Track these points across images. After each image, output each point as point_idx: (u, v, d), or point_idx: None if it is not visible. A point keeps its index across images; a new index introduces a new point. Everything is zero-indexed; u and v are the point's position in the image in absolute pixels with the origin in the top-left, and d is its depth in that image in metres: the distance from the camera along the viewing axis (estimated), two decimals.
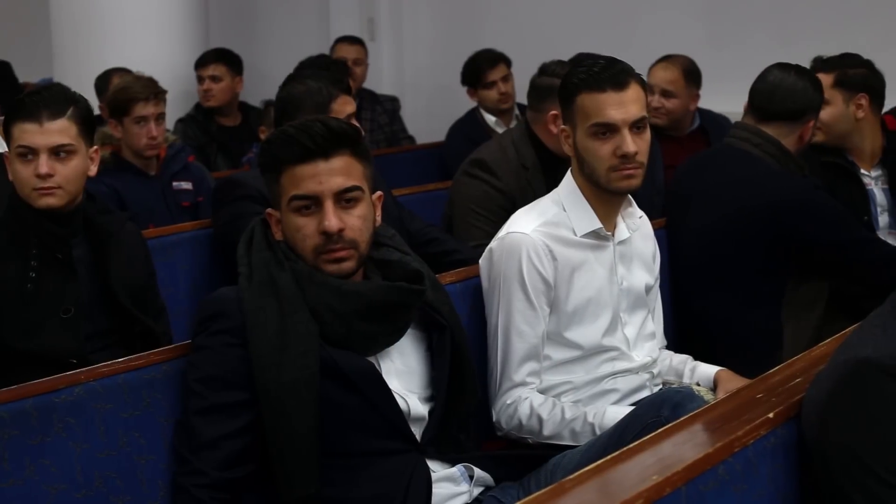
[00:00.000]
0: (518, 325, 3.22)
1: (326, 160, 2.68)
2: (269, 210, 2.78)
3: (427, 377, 2.86)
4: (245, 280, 2.69)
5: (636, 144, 3.19)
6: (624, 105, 3.18)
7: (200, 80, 6.99)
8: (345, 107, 4.18)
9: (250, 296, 2.66)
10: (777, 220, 3.94)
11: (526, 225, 3.26)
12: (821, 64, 4.60)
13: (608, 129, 3.18)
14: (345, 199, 2.69)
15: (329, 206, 2.67)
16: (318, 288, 2.67)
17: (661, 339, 3.59)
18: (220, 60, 7.00)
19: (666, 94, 5.54)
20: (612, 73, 3.19)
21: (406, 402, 2.75)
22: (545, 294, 3.22)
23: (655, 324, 3.54)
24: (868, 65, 4.62)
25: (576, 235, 3.27)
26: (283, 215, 2.72)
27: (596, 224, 3.28)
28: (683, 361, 3.56)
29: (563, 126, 3.31)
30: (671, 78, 5.57)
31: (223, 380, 2.63)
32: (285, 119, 3.92)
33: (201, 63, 7.02)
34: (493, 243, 3.31)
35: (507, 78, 6.76)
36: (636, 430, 2.72)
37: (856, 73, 4.57)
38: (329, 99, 4.14)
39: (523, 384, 3.22)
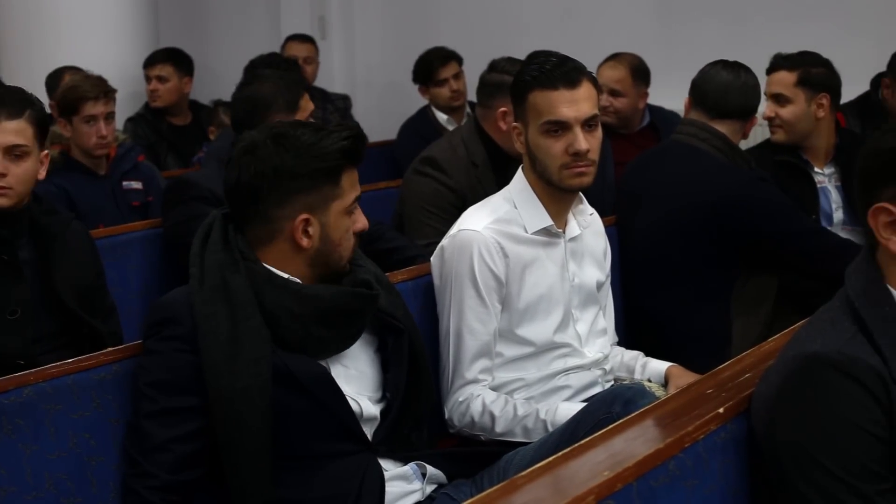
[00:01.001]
0: (470, 323, 3.22)
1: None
2: (305, 216, 2.72)
3: (378, 380, 2.86)
4: (196, 282, 2.67)
5: (588, 142, 3.20)
6: (576, 103, 3.19)
7: (148, 79, 6.95)
8: (308, 104, 4.20)
9: (201, 300, 2.63)
10: (725, 214, 3.97)
11: (477, 222, 3.26)
12: (782, 61, 4.63)
13: (560, 127, 3.19)
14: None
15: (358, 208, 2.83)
16: (276, 291, 2.66)
17: (612, 335, 3.61)
18: (167, 60, 6.95)
19: (614, 93, 5.56)
20: (564, 71, 3.20)
21: (358, 404, 2.75)
22: (497, 291, 3.23)
23: (607, 320, 3.56)
24: (827, 64, 4.65)
25: (527, 232, 3.28)
26: (336, 219, 2.74)
27: (547, 221, 3.29)
28: (635, 357, 3.58)
29: (514, 123, 3.32)
30: (618, 77, 5.58)
31: (174, 385, 2.61)
32: (256, 118, 3.88)
33: (149, 63, 6.98)
34: (445, 241, 3.31)
35: (458, 75, 6.77)
36: (588, 427, 2.72)
37: (818, 73, 4.60)
38: (299, 96, 4.15)
39: (475, 381, 3.23)
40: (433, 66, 6.74)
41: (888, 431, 2.05)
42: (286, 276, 2.71)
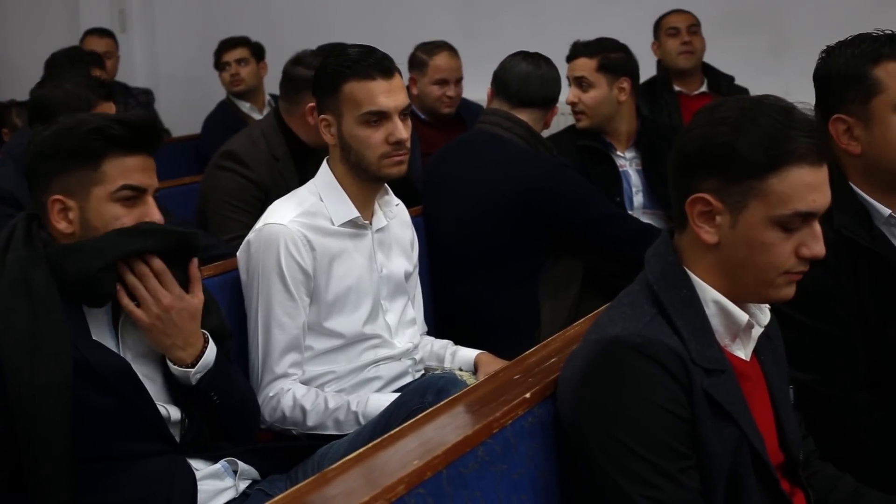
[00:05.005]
0: (278, 317, 3.21)
1: (150, 155, 2.68)
2: (58, 197, 2.64)
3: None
4: None
5: (406, 131, 3.25)
6: (393, 92, 3.23)
7: None
8: (108, 109, 4.08)
9: (0, 297, 2.57)
10: (528, 201, 4.03)
11: (283, 216, 3.25)
12: (582, 48, 4.73)
13: (380, 117, 3.21)
14: (154, 196, 2.70)
15: (152, 201, 2.67)
16: (72, 255, 2.59)
17: (422, 324, 3.63)
18: None
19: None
20: (376, 61, 3.24)
21: (165, 407, 2.70)
22: (304, 284, 3.22)
23: (416, 310, 3.58)
24: (625, 49, 4.77)
25: (334, 225, 3.27)
26: (97, 204, 2.63)
27: (353, 213, 3.29)
28: (444, 346, 3.61)
29: (323, 115, 3.31)
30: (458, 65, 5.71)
31: None
32: (40, 122, 3.78)
33: None
34: (251, 235, 3.28)
35: (243, 61, 6.74)
36: (401, 417, 2.74)
37: (617, 58, 4.71)
38: (88, 107, 4.03)
39: (285, 376, 3.21)
40: (219, 50, 6.78)
41: (688, 410, 2.11)
42: None
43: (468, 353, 3.56)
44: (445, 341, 3.64)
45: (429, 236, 4.16)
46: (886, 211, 2.77)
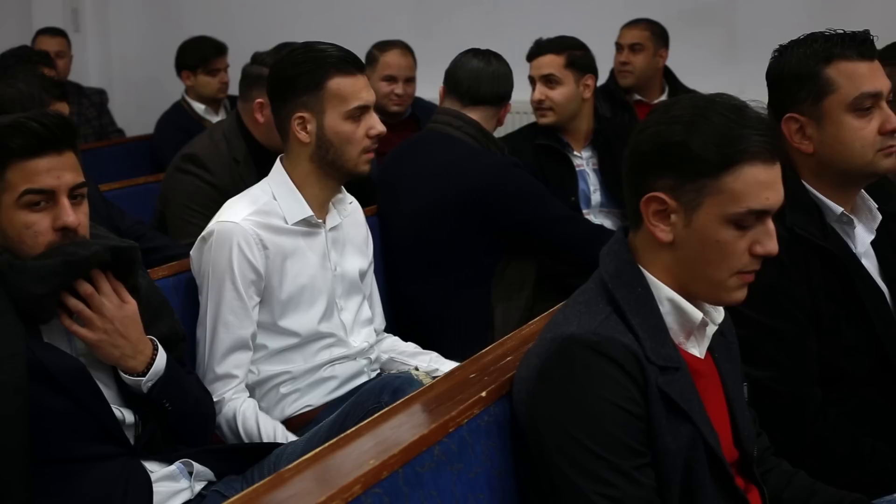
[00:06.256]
0: (225, 317, 3.19)
1: (59, 154, 2.57)
2: None
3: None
4: None
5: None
6: (370, 88, 3.32)
7: None
8: (61, 109, 4.04)
9: None
10: (479, 201, 4.03)
11: (236, 214, 3.24)
12: (547, 45, 4.74)
13: (363, 112, 3.28)
14: (74, 195, 2.61)
15: (66, 202, 2.57)
16: (16, 275, 2.56)
17: (381, 321, 3.64)
18: None
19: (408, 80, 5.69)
20: (353, 58, 3.29)
21: (120, 410, 2.68)
22: (255, 284, 3.21)
23: (373, 307, 3.58)
24: (585, 47, 4.81)
25: (287, 224, 3.27)
26: (7, 213, 2.56)
27: (307, 212, 3.29)
28: (409, 348, 3.64)
29: (300, 114, 3.28)
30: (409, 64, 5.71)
31: None
32: None
33: None
34: (204, 232, 3.27)
35: (226, 68, 6.69)
36: (358, 417, 2.74)
37: (582, 55, 4.75)
38: (41, 107, 3.98)
39: (227, 377, 3.20)
40: (208, 54, 6.60)
41: (643, 408, 2.12)
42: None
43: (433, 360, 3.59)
44: (412, 345, 3.67)
45: (383, 236, 4.16)
46: (839, 209, 2.79)
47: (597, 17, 6.32)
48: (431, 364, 3.54)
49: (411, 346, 3.66)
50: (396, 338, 3.69)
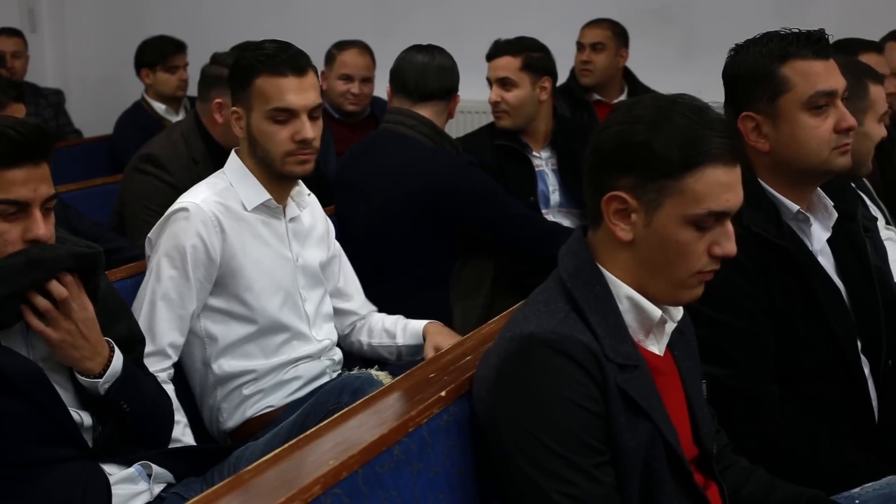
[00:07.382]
0: (168, 293, 3.18)
1: (36, 166, 2.52)
2: None
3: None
4: None
5: (314, 131, 3.23)
6: (304, 91, 3.22)
7: None
8: (18, 111, 4.02)
9: None
10: (435, 201, 4.04)
11: (196, 196, 3.24)
12: (505, 47, 4.74)
13: (288, 115, 3.20)
14: (46, 207, 2.57)
15: (38, 214, 2.53)
16: None
17: (365, 302, 3.66)
18: None
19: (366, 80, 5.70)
20: (290, 57, 3.23)
21: (77, 412, 2.66)
22: (205, 268, 3.20)
23: (352, 287, 3.60)
24: (545, 49, 4.80)
25: (246, 210, 3.26)
26: None
27: (265, 196, 3.29)
28: (395, 322, 3.61)
29: (234, 108, 3.29)
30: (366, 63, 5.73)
31: None
32: None
33: None
34: (166, 213, 3.25)
35: (187, 65, 6.66)
36: (318, 417, 2.73)
37: (539, 57, 4.74)
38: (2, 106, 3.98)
39: (162, 354, 3.18)
40: (168, 51, 6.57)
41: (602, 406, 2.13)
42: None
43: (417, 325, 3.57)
44: (397, 317, 3.64)
45: (342, 236, 4.14)
46: (795, 207, 2.81)
47: (556, 17, 6.34)
48: (399, 326, 3.58)
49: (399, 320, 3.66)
50: (382, 315, 3.68)
